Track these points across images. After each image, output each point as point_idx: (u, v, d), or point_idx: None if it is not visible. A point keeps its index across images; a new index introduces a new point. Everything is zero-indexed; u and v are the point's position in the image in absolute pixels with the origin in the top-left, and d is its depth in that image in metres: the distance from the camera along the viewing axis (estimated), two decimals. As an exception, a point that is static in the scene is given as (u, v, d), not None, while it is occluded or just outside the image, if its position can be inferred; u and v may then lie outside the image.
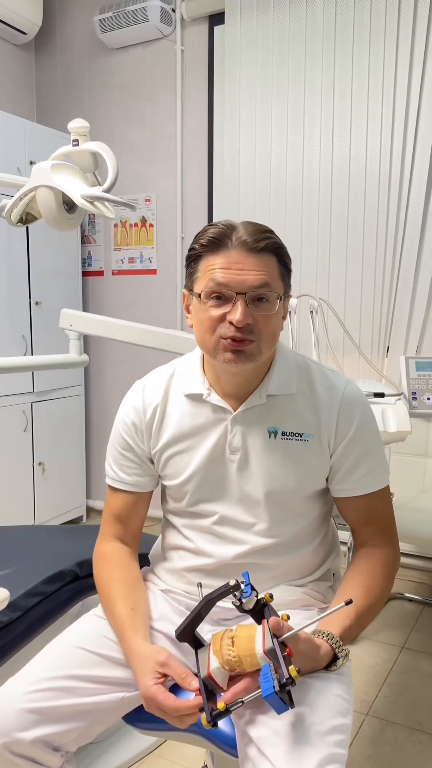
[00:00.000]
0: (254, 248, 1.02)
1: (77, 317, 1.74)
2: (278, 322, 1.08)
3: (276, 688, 0.81)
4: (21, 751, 1.00)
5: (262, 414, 1.12)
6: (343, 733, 0.92)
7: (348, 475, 1.12)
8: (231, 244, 1.02)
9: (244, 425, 1.12)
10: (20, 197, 1.26)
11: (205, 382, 1.14)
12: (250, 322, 1.02)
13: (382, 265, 2.77)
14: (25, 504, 3.22)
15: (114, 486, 1.22)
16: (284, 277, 1.07)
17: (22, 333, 3.13)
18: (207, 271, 1.04)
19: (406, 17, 2.57)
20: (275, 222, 2.97)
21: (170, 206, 3.36)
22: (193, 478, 1.14)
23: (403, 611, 2.60)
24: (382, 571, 1.11)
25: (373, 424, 1.15)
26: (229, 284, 1.01)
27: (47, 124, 3.46)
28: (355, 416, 1.11)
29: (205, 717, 0.88)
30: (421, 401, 1.99)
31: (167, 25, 3.16)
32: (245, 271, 1.01)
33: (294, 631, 0.89)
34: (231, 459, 1.12)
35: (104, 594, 1.15)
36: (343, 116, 2.77)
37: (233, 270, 1.01)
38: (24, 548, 1.78)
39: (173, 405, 1.17)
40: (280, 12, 2.85)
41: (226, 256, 1.02)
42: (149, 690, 0.97)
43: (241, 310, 1.00)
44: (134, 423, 1.18)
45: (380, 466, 1.14)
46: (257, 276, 1.01)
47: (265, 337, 1.04)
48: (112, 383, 3.65)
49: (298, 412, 1.11)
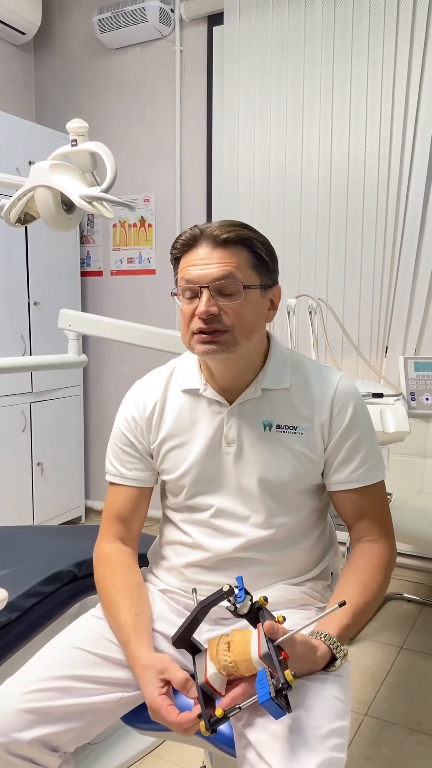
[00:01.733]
0: (219, 241, 1.04)
1: (76, 317, 1.74)
2: (253, 311, 1.08)
3: (272, 694, 0.81)
4: (19, 752, 1.00)
5: (257, 407, 1.14)
6: (342, 737, 0.92)
7: (342, 468, 1.13)
8: (200, 242, 1.06)
9: (240, 418, 1.14)
10: (19, 197, 1.26)
11: (202, 378, 1.17)
12: (215, 312, 1.04)
13: (381, 266, 2.78)
14: (23, 504, 3.22)
15: (115, 482, 1.23)
16: (258, 268, 1.08)
17: (21, 333, 3.13)
18: (181, 270, 1.08)
19: (405, 16, 2.58)
20: (274, 222, 2.97)
21: (169, 206, 3.36)
22: (190, 471, 1.16)
23: (402, 611, 2.60)
24: (379, 566, 1.11)
25: (366, 417, 1.16)
26: (193, 279, 1.05)
27: (46, 124, 3.46)
28: (348, 409, 1.13)
29: (204, 724, 0.89)
30: (420, 402, 2.00)
31: (166, 25, 3.16)
32: (210, 264, 1.05)
33: (289, 634, 0.89)
34: (227, 451, 1.14)
35: (107, 598, 1.15)
36: (342, 116, 2.77)
37: (199, 266, 1.05)
38: (22, 549, 1.78)
39: (172, 401, 1.19)
40: (278, 12, 2.85)
41: (195, 254, 1.06)
42: (154, 702, 0.97)
43: (203, 301, 1.04)
44: (135, 419, 1.21)
45: (374, 460, 1.15)
46: (220, 268, 1.04)
47: (238, 326, 1.06)
48: (111, 383, 3.65)
49: (293, 405, 1.13)
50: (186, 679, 0.97)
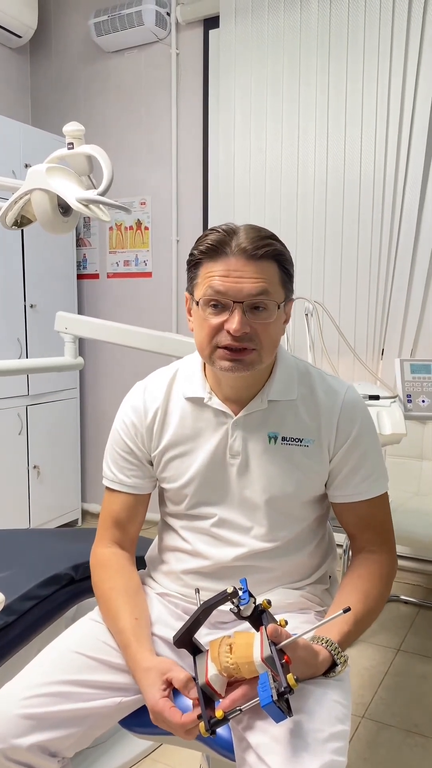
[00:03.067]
0: (254, 255, 1.00)
1: (72, 320, 1.74)
2: (278, 329, 1.07)
3: (274, 697, 0.81)
4: (17, 758, 0.99)
5: (263, 419, 1.11)
6: (342, 740, 0.92)
7: (347, 481, 1.12)
8: (230, 250, 1.01)
9: (245, 430, 1.12)
10: (15, 200, 1.26)
11: (207, 386, 1.14)
12: (248, 331, 1.01)
13: (377, 268, 2.78)
14: (20, 507, 3.21)
15: (113, 488, 1.21)
16: (285, 283, 1.06)
17: (17, 336, 3.12)
18: (206, 278, 1.03)
19: (400, 20, 2.58)
20: (270, 225, 2.94)
21: (165, 209, 3.36)
22: (193, 482, 1.14)
23: (399, 614, 2.60)
24: (380, 576, 1.11)
25: (372, 430, 1.15)
26: (227, 292, 1.00)
27: (42, 127, 3.45)
28: (355, 422, 1.11)
29: (203, 725, 0.88)
30: (416, 404, 2.00)
31: (162, 28, 3.16)
32: (243, 279, 1.00)
33: (292, 638, 0.88)
34: (231, 463, 1.12)
35: (105, 602, 1.14)
36: (338, 119, 2.78)
37: (231, 278, 1.00)
38: (19, 551, 1.77)
39: (174, 408, 1.16)
40: (274, 15, 2.86)
41: (224, 263, 1.01)
42: (157, 704, 0.97)
43: (237, 318, 1.00)
44: (134, 424, 1.18)
45: (379, 472, 1.14)
46: (255, 284, 1.00)
47: (266, 345, 1.04)
48: (108, 386, 3.65)
49: (299, 417, 1.11)
50: (188, 679, 0.97)
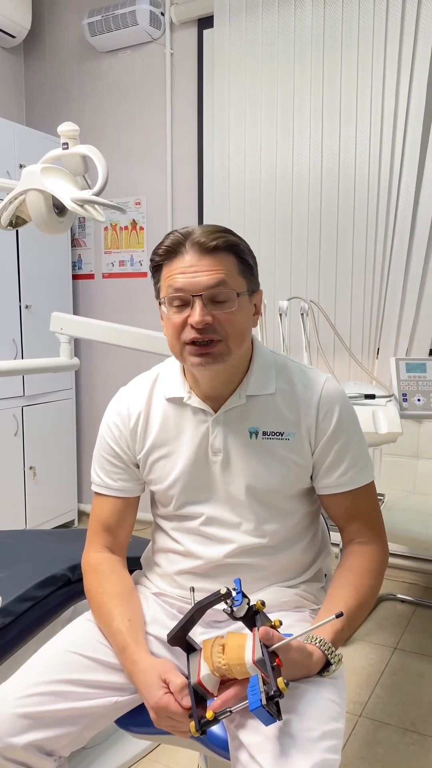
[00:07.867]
0: (207, 248, 1.02)
1: (68, 320, 1.74)
2: (244, 319, 1.08)
3: (263, 701, 0.81)
4: (14, 756, 1.00)
5: (243, 414, 1.12)
6: (336, 738, 0.92)
7: (331, 471, 1.13)
8: (185, 249, 1.03)
9: (225, 426, 1.13)
10: (10, 200, 1.26)
11: (186, 386, 1.15)
12: (210, 321, 1.02)
13: (372, 267, 2.79)
14: (16, 508, 3.21)
15: (101, 492, 1.22)
16: (245, 274, 1.07)
17: (12, 337, 3.12)
18: (166, 278, 1.06)
19: (394, 20, 2.59)
20: (265, 224, 2.98)
21: (160, 209, 3.36)
22: (177, 482, 1.15)
23: (395, 612, 2.60)
24: (371, 568, 1.11)
25: (353, 419, 1.16)
26: (185, 288, 1.03)
27: (37, 127, 3.45)
28: (334, 412, 1.12)
29: (194, 725, 0.89)
30: (412, 402, 2.01)
31: (156, 28, 3.16)
32: (200, 272, 1.02)
33: (284, 641, 0.88)
34: (213, 460, 1.13)
35: (98, 606, 1.14)
36: (332, 118, 2.78)
37: (188, 273, 1.03)
38: (15, 553, 1.77)
39: (156, 410, 1.18)
40: (268, 15, 2.86)
41: (181, 261, 1.04)
42: (161, 700, 0.96)
43: (198, 311, 1.02)
44: (119, 428, 1.19)
45: (363, 462, 1.14)
46: (211, 276, 1.02)
47: (232, 335, 1.05)
48: (103, 386, 3.64)
49: (278, 411, 1.12)
50: (184, 686, 0.96)
